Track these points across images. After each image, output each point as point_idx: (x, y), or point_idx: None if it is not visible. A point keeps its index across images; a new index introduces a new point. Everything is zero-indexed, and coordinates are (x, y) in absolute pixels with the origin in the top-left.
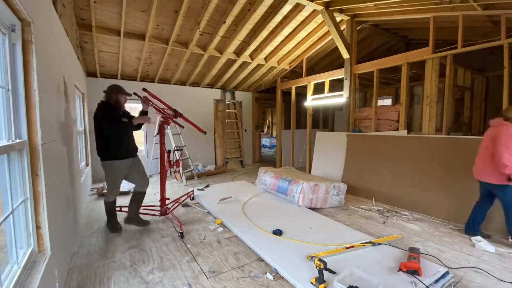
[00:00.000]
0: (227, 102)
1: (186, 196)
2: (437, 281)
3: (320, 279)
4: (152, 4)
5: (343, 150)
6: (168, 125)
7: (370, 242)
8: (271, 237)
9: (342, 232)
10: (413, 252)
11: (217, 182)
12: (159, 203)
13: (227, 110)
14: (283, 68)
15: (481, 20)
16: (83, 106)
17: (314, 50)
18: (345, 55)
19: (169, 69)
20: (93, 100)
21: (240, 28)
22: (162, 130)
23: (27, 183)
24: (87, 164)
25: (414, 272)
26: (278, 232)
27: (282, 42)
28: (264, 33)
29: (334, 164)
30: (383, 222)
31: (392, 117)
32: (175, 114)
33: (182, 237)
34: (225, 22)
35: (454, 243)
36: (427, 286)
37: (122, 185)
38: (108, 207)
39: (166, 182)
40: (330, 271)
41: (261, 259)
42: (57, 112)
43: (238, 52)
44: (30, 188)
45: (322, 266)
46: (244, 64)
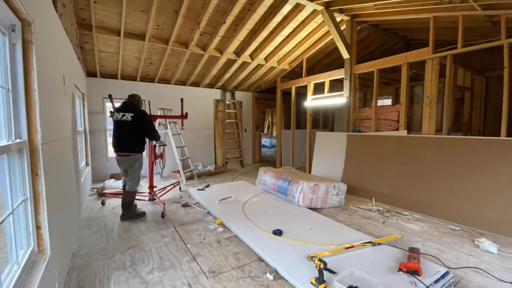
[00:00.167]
0: (227, 102)
1: (172, 186)
2: (437, 281)
3: (320, 279)
4: (152, 4)
5: (343, 150)
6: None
7: (370, 242)
8: (271, 237)
9: (342, 232)
10: (413, 252)
11: (217, 182)
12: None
13: (227, 110)
14: (283, 68)
15: (481, 20)
16: (83, 106)
17: (314, 50)
18: (345, 55)
19: (169, 69)
20: (93, 100)
21: (240, 28)
22: None
23: (27, 183)
24: (87, 164)
25: (414, 272)
26: (278, 232)
27: (282, 42)
28: (264, 33)
29: (334, 164)
30: (383, 222)
31: (392, 117)
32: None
33: (163, 217)
34: (225, 22)
35: (454, 243)
36: (427, 286)
37: (116, 184)
38: (134, 196)
39: (166, 182)
40: (330, 271)
41: (261, 259)
42: (57, 112)
43: (238, 52)
44: (30, 188)
45: (322, 266)
46: (244, 64)
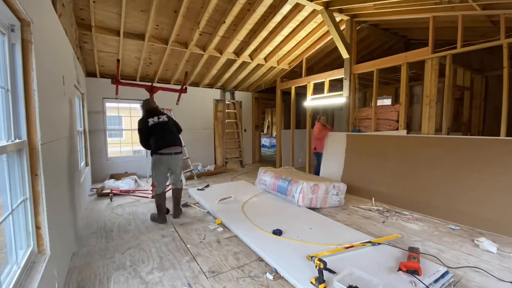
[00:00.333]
0: (227, 102)
1: None
2: (437, 281)
3: (320, 279)
4: (152, 4)
5: (343, 150)
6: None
7: (370, 242)
8: (271, 237)
9: (342, 232)
10: (413, 252)
11: (217, 182)
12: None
13: (227, 110)
14: (283, 68)
15: (481, 20)
16: (83, 106)
17: (314, 50)
18: (345, 55)
19: (169, 69)
20: (93, 100)
21: (240, 28)
22: None
23: (27, 183)
24: (87, 164)
25: (414, 272)
26: (278, 232)
27: (282, 42)
28: (264, 33)
29: (334, 164)
30: (383, 222)
31: (392, 117)
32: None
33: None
34: (225, 22)
35: (454, 243)
36: (427, 286)
37: (122, 184)
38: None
39: None
40: (330, 271)
41: (261, 259)
42: (57, 112)
43: (238, 52)
44: (30, 188)
45: (322, 266)
46: (244, 64)
